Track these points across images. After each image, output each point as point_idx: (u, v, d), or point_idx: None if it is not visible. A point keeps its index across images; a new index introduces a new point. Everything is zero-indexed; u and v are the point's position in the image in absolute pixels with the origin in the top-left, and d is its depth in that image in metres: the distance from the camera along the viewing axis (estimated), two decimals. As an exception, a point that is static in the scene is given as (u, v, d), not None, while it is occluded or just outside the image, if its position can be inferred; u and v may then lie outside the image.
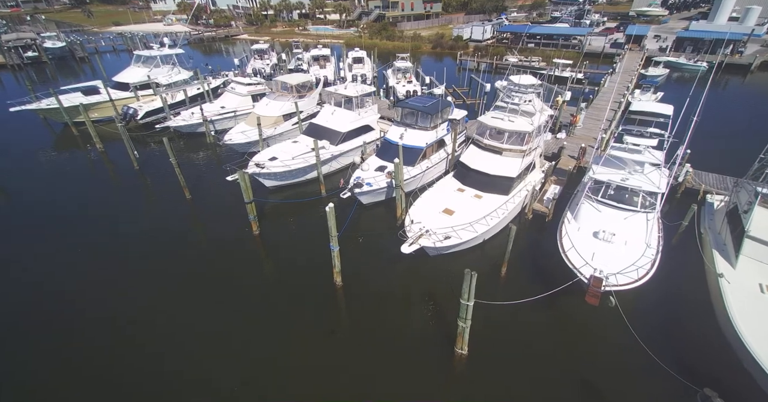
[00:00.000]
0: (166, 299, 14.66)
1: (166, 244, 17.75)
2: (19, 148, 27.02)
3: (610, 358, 12.25)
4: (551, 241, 16.45)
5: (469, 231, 15.10)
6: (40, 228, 18.69)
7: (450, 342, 12.50)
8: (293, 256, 17.07)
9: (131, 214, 19.99)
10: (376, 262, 16.56)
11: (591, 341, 12.91)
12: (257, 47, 44.79)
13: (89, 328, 13.41)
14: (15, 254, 16.99)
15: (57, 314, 13.94)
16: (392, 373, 11.91)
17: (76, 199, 21.13)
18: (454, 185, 18.46)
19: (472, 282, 10.47)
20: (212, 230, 18.69)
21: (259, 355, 12.48)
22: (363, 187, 18.86)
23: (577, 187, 19.43)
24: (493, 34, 66.94)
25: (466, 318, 11.33)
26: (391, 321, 13.80)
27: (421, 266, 15.96)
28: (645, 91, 34.36)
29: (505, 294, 14.30)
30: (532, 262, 16.17)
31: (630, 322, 11.77)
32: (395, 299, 14.84)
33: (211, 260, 16.71)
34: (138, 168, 23.96)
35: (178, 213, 20.08)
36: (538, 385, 11.42)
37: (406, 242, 14.37)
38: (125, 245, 17.56)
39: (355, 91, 24.87)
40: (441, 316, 13.78)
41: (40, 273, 15.91)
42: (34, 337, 13.09)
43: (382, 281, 15.65)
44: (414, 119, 21.74)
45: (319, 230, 18.69)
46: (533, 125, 18.00)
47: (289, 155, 21.86)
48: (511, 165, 17.79)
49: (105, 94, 30.81)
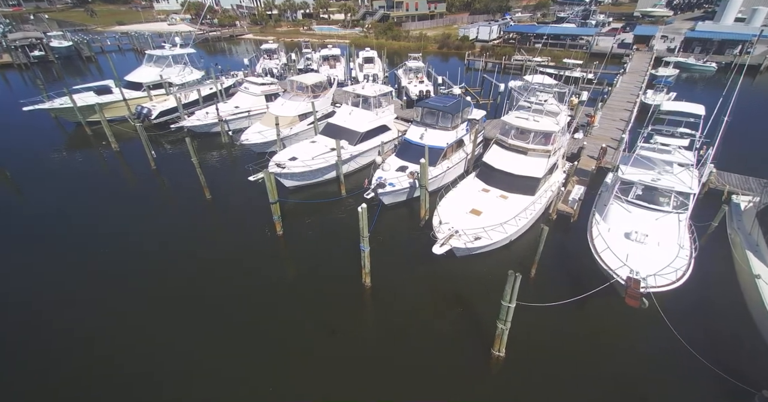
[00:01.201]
0: (192, 300, 14.52)
1: (188, 244, 17.60)
2: (33, 147, 26.83)
3: (654, 361, 12.09)
4: (579, 242, 16.37)
5: (499, 232, 14.98)
6: (57, 228, 18.55)
7: (485, 343, 12.41)
8: (319, 256, 16.95)
9: (152, 213, 19.87)
10: (404, 263, 16.45)
11: (632, 344, 12.77)
12: (266, 47, 44.67)
13: (111, 323, 13.29)
14: (34, 253, 16.86)
15: (82, 312, 13.81)
16: (427, 374, 11.80)
17: (94, 199, 20.97)
18: (478, 185, 18.35)
19: (515, 283, 10.36)
20: (235, 230, 18.54)
21: (289, 354, 12.37)
22: (386, 187, 18.76)
23: (600, 187, 19.35)
24: (499, 35, 66.84)
25: (506, 320, 11.23)
26: (422, 322, 13.69)
27: (449, 267, 15.84)
28: (658, 91, 34.29)
29: (537, 295, 14.17)
30: (560, 263, 16.06)
31: (671, 324, 11.66)
32: (425, 300, 14.76)
33: (237, 260, 16.57)
34: (155, 168, 23.82)
35: (199, 213, 19.97)
36: (580, 390, 11.30)
37: (437, 243, 14.27)
38: (147, 245, 17.42)
39: (373, 91, 24.78)
40: (473, 317, 13.69)
41: (61, 273, 15.77)
42: (59, 325, 12.98)
43: (411, 282, 15.55)
44: (435, 119, 21.64)
45: (341, 230, 18.68)
46: (559, 125, 17.90)
47: (308, 155, 21.73)
48: (536, 165, 17.69)
49: (117, 94, 30.64)
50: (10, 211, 20.17)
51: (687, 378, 11.46)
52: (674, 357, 11.74)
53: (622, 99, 33.85)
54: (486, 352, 12.25)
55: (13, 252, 17.06)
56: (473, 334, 13.00)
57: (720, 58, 48.96)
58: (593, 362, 12.08)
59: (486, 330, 12.92)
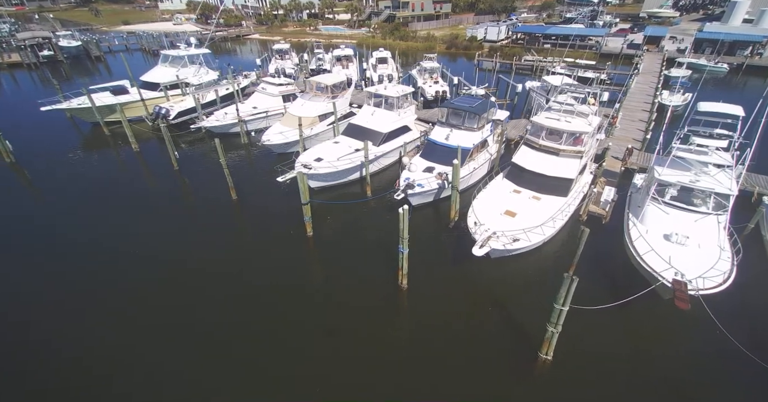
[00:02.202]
0: (227, 300, 14.41)
1: (218, 244, 17.50)
2: (51, 147, 26.67)
3: (706, 364, 12.00)
4: (614, 244, 16.34)
5: (538, 234, 14.89)
6: (83, 229, 18.42)
7: (530, 346, 12.33)
8: (351, 258, 16.85)
9: (179, 214, 19.83)
10: (438, 264, 16.37)
11: (681, 347, 12.63)
12: (278, 47, 44.53)
13: (137, 319, 13.18)
14: (64, 254, 16.75)
15: (109, 311, 13.71)
16: (471, 376, 11.71)
17: (119, 200, 20.83)
18: (508, 186, 18.26)
19: (571, 287, 10.27)
20: (264, 231, 18.45)
21: (329, 356, 12.27)
22: (415, 188, 18.68)
23: (630, 188, 19.29)
24: (507, 35, 66.80)
25: (557, 323, 11.13)
26: (462, 323, 13.60)
27: (483, 268, 15.77)
28: (674, 91, 34.26)
29: (577, 298, 14.13)
30: (596, 265, 15.92)
31: (722, 326, 11.57)
32: (463, 301, 14.65)
33: (267, 261, 16.49)
34: (177, 168, 23.68)
35: (226, 214, 19.88)
36: (633, 395, 11.20)
37: (476, 244, 14.16)
38: (177, 245, 17.31)
39: (396, 91, 24.70)
40: (514, 320, 13.59)
41: (90, 273, 15.65)
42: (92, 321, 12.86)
43: (447, 283, 15.48)
44: (461, 120, 21.55)
45: (370, 231, 18.66)
46: (591, 126, 17.82)
47: (333, 156, 21.64)
48: (569, 166, 17.62)
49: (134, 94, 30.52)
50: (32, 212, 20.02)
51: (742, 380, 11.37)
52: (727, 359, 11.67)
53: (639, 100, 33.80)
54: (532, 356, 12.15)
55: (43, 253, 16.93)
56: (517, 337, 12.91)
57: (731, 59, 48.94)
58: (643, 366, 11.97)
59: (530, 332, 12.86)
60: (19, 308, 14.10)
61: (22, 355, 12.35)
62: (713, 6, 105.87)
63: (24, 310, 14.04)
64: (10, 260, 16.45)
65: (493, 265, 15.73)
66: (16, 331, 13.18)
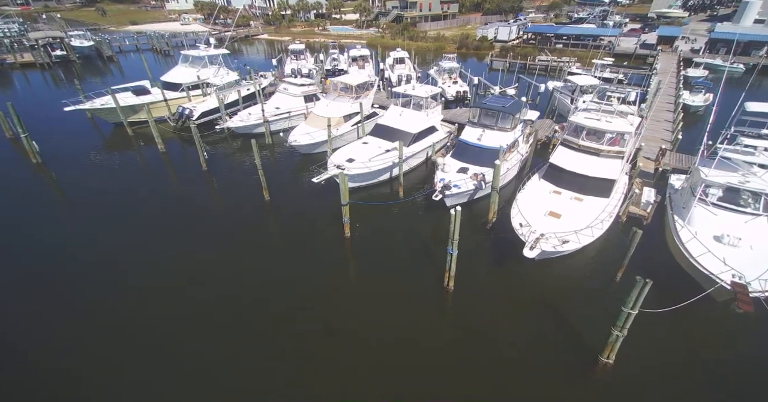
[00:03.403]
0: (263, 303, 14.29)
1: (253, 245, 17.40)
2: (76, 148, 26.50)
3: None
4: (657, 246, 16.19)
5: (587, 235, 14.73)
6: (121, 232, 18.29)
7: (587, 350, 12.19)
8: (392, 259, 16.71)
9: (211, 215, 19.70)
10: (481, 266, 16.22)
11: (744, 351, 12.50)
12: (293, 47, 44.36)
13: (167, 320, 13.05)
14: (101, 253, 16.62)
15: (141, 311, 13.57)
16: (525, 380, 11.61)
17: (148, 202, 20.70)
18: (548, 187, 18.11)
19: (643, 290, 10.12)
20: (302, 233, 18.29)
21: (377, 362, 12.13)
22: (451, 189, 18.54)
23: (668, 189, 19.16)
24: (518, 35, 66.68)
25: (623, 326, 10.98)
26: (514, 326, 13.47)
27: (527, 270, 15.62)
28: (696, 91, 34.14)
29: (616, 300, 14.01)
30: (641, 266, 15.73)
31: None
32: (511, 303, 14.56)
33: (308, 263, 16.34)
34: (206, 169, 23.53)
35: (260, 215, 19.76)
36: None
37: (526, 246, 14.02)
38: (213, 247, 17.15)
39: (424, 91, 24.57)
40: (567, 322, 13.44)
41: (128, 275, 15.52)
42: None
43: (493, 285, 15.39)
44: (494, 120, 21.41)
45: (407, 232, 18.57)
46: (632, 125, 17.68)
47: (365, 156, 21.51)
48: (611, 166, 17.47)
49: (155, 94, 30.36)
50: (61, 214, 19.89)
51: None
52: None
53: (661, 100, 33.61)
54: (592, 359, 12.00)
55: (87, 255, 16.81)
56: (573, 340, 12.77)
57: (746, 60, 48.80)
58: (704, 371, 11.83)
59: (585, 335, 12.74)
60: (52, 309, 13.97)
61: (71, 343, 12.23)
62: (719, 6, 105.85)
63: (57, 311, 13.91)
64: (41, 261, 16.34)
65: (537, 266, 15.57)
66: (51, 328, 13.05)
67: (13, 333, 13.06)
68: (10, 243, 17.46)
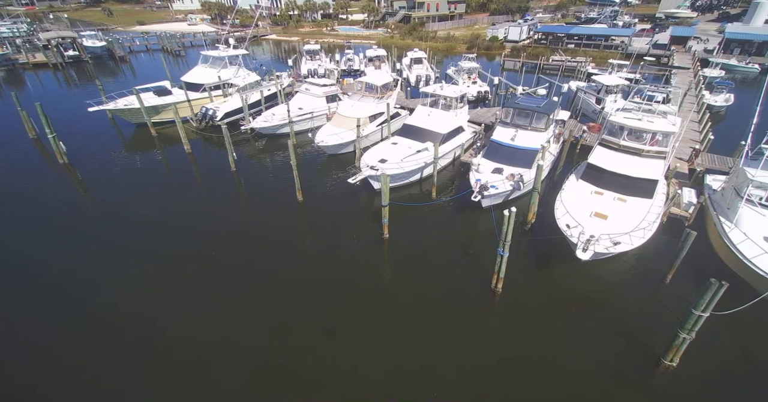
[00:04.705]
0: (297, 307, 14.13)
1: (292, 248, 17.26)
2: (101, 149, 26.33)
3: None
4: (703, 247, 16.02)
5: (638, 236, 14.57)
6: (150, 234, 18.13)
7: (647, 352, 12.05)
8: (434, 260, 16.57)
9: (246, 215, 19.56)
10: (527, 266, 16.10)
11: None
12: (308, 48, 44.22)
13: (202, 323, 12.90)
14: (146, 260, 16.46)
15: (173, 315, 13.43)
16: (584, 385, 11.46)
17: (179, 203, 20.53)
18: (588, 188, 17.94)
19: (718, 292, 9.95)
20: (341, 234, 18.12)
21: (428, 365, 12.00)
22: (489, 189, 18.40)
23: (705, 190, 19.00)
24: (529, 35, 66.58)
25: (692, 329, 10.81)
26: (567, 328, 13.29)
27: (574, 271, 15.49)
28: (717, 92, 34.03)
29: (678, 303, 13.90)
30: (690, 268, 15.55)
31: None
32: (561, 305, 14.36)
33: (350, 265, 16.22)
34: (235, 170, 23.36)
35: (295, 216, 19.64)
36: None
37: (578, 248, 13.85)
38: (247, 249, 17.00)
39: (453, 91, 24.43)
40: (623, 325, 13.29)
41: (158, 279, 15.36)
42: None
43: (540, 286, 15.29)
44: (528, 120, 21.27)
45: (446, 233, 18.42)
46: (675, 125, 17.53)
47: (397, 157, 21.36)
48: (653, 167, 17.33)
49: (177, 95, 30.20)
50: (92, 216, 19.71)
51: None
52: None
53: (679, 100, 33.42)
54: (653, 362, 11.85)
55: (125, 258, 16.65)
56: (631, 343, 12.62)
57: (761, 60, 48.71)
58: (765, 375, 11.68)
59: (644, 338, 12.61)
60: (94, 311, 13.81)
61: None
62: (726, 7, 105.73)
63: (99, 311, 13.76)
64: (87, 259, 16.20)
65: (582, 268, 15.40)
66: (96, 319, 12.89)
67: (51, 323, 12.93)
68: (49, 246, 17.33)
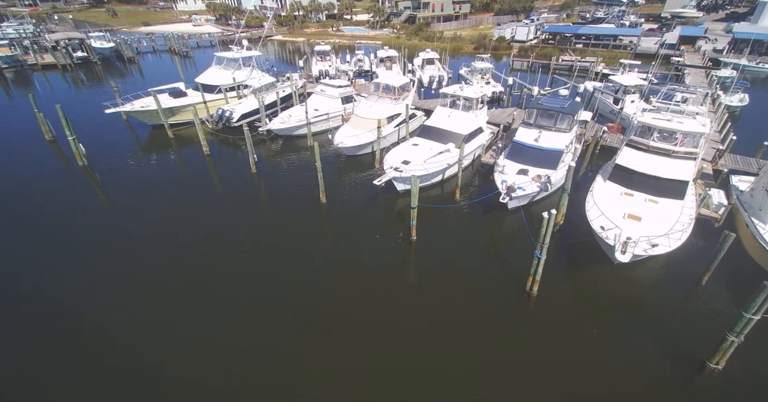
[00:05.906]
0: (327, 307, 14.03)
1: (316, 250, 17.19)
2: (119, 150, 26.23)
3: None
4: (736, 249, 15.88)
5: (676, 238, 14.45)
6: (171, 236, 18.01)
7: (690, 355, 11.97)
8: (464, 263, 16.47)
9: (270, 216, 19.51)
10: (560, 269, 15.95)
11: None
12: (319, 49, 44.14)
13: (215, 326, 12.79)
14: (157, 259, 16.35)
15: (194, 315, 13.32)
16: (628, 387, 11.35)
17: (201, 205, 20.40)
18: (617, 189, 17.81)
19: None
20: (367, 236, 18.00)
21: (462, 369, 11.89)
22: (516, 191, 18.30)
23: (733, 191, 18.88)
24: (536, 35, 66.49)
25: (740, 332, 10.70)
26: (607, 331, 13.19)
27: (608, 273, 15.39)
28: (733, 92, 33.92)
29: (717, 305, 13.82)
30: (725, 270, 15.39)
31: None
32: (599, 308, 14.28)
33: (377, 268, 16.10)
34: (255, 171, 23.24)
35: (318, 218, 19.54)
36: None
37: (616, 250, 13.74)
38: (273, 251, 16.91)
39: (473, 92, 24.33)
40: (663, 327, 13.18)
41: (173, 282, 15.25)
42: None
43: (575, 289, 15.13)
44: (552, 121, 21.17)
45: (474, 235, 18.33)
46: (705, 126, 17.42)
47: (420, 158, 21.26)
48: (684, 167, 17.22)
49: (192, 96, 30.08)
50: (113, 219, 19.58)
51: None
52: None
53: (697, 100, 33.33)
54: (698, 365, 11.75)
55: (138, 259, 16.54)
56: (674, 345, 12.51)
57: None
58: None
59: (686, 340, 12.51)
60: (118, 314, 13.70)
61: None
62: (730, 6, 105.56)
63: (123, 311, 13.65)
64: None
65: (617, 270, 15.30)
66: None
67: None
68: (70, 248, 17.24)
